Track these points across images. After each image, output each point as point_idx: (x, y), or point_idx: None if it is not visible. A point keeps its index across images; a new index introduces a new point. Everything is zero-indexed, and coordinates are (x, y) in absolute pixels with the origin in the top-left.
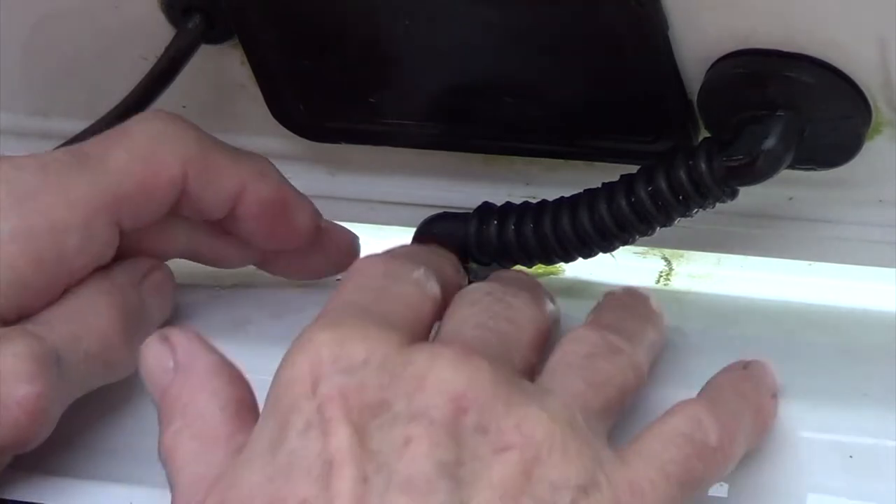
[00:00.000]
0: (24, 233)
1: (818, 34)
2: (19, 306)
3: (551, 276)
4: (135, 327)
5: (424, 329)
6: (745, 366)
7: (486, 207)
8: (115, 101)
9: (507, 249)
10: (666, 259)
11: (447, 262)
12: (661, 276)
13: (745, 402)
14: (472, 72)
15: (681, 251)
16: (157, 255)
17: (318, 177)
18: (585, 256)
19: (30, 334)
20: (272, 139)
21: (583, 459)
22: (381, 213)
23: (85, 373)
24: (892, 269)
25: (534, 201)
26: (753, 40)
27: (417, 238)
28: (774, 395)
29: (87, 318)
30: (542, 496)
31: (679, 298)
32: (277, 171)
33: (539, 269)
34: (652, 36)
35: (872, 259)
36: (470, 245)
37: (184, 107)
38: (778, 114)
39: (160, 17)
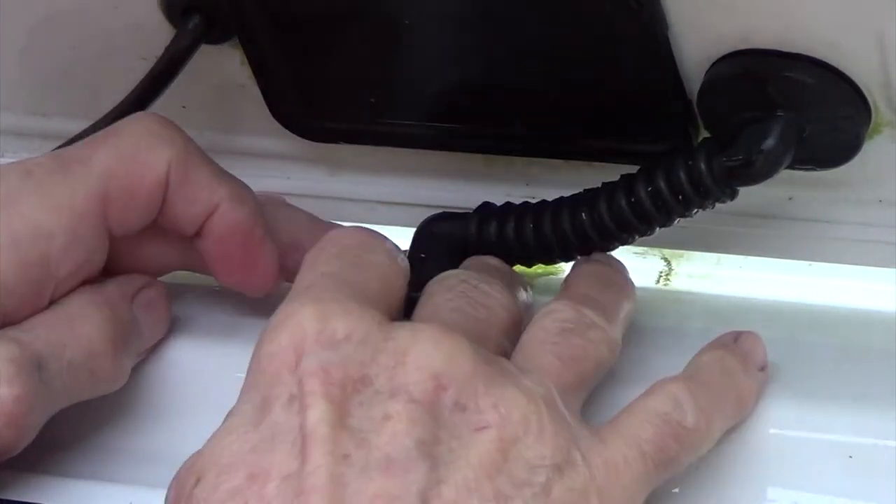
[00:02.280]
0: (7, 237)
1: (818, 34)
2: (4, 312)
3: (551, 275)
4: (124, 341)
5: (397, 303)
6: (736, 338)
7: (486, 207)
8: (115, 101)
9: (507, 249)
10: (666, 259)
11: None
12: (660, 276)
13: (730, 381)
14: (472, 72)
15: (681, 251)
16: (152, 271)
17: (317, 177)
18: (585, 256)
19: (10, 339)
20: (272, 139)
21: (558, 439)
22: (381, 213)
23: (69, 382)
24: (892, 269)
25: (534, 201)
26: (753, 40)
27: (417, 238)
28: (763, 369)
29: (73, 327)
30: (518, 475)
31: (679, 298)
32: (256, 201)
33: (539, 268)
34: (652, 36)
35: (872, 259)
36: (470, 245)
37: (184, 107)
38: (777, 114)
39: (160, 18)
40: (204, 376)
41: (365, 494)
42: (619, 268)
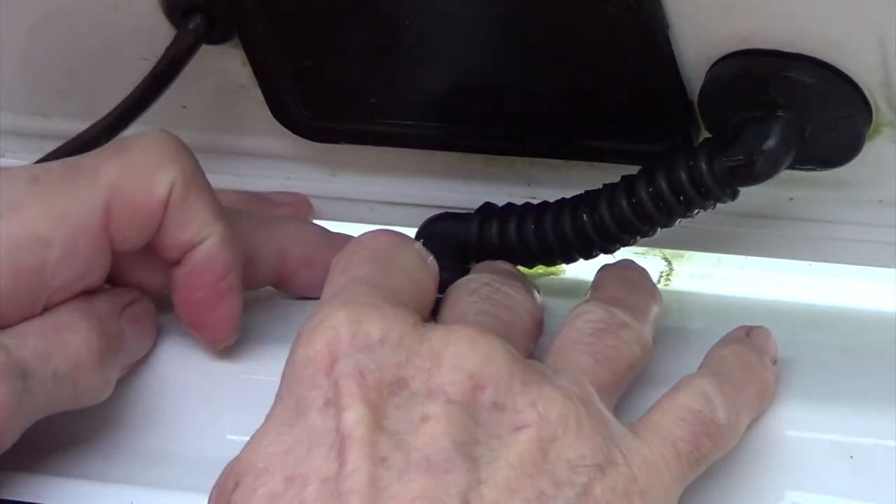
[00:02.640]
0: (5, 242)
1: (818, 34)
2: None
3: (552, 276)
4: (111, 354)
5: (428, 304)
6: (748, 332)
7: (487, 208)
8: (115, 101)
9: (509, 250)
10: (666, 259)
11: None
12: (661, 277)
13: (750, 374)
14: (472, 72)
15: (681, 251)
16: (144, 289)
17: (318, 177)
18: (586, 257)
19: None
20: (272, 139)
21: (597, 437)
22: (381, 213)
23: (53, 391)
24: (892, 269)
25: (535, 202)
26: (753, 40)
27: (418, 238)
28: (775, 362)
29: (61, 337)
30: (559, 475)
31: (679, 298)
32: (242, 252)
33: (540, 269)
34: (652, 36)
35: (872, 259)
36: (471, 245)
37: (184, 107)
38: (778, 114)
39: (161, 18)
40: (202, 376)
41: (404, 496)
42: (644, 272)
